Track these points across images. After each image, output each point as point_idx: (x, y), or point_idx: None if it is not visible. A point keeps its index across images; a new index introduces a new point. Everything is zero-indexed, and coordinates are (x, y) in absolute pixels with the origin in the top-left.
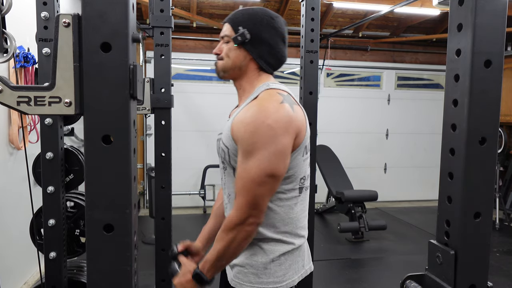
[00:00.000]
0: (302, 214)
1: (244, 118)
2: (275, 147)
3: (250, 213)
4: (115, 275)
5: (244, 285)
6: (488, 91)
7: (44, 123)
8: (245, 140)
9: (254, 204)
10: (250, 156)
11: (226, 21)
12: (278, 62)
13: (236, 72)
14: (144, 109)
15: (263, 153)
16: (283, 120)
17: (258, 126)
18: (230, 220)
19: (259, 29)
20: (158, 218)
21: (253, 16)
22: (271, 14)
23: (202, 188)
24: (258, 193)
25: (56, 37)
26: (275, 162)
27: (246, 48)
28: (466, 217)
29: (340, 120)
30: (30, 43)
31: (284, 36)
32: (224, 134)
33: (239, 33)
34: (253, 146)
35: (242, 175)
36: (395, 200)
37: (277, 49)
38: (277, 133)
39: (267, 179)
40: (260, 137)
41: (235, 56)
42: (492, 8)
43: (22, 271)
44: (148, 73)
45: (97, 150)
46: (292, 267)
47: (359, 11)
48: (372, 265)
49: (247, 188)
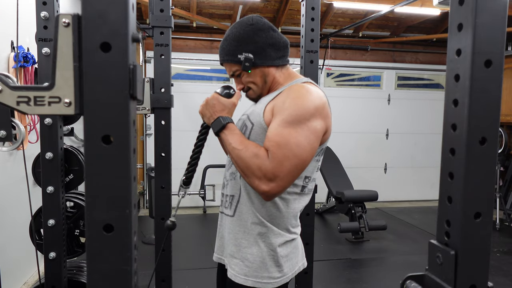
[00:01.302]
0: (298, 213)
1: (292, 94)
2: (314, 127)
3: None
4: (115, 275)
5: (239, 277)
6: (488, 91)
7: (44, 123)
8: (290, 111)
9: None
10: (289, 125)
11: (224, 61)
12: (285, 49)
13: (267, 86)
14: (144, 109)
15: (303, 127)
16: (325, 110)
17: (306, 103)
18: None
19: (252, 41)
20: (158, 218)
21: (239, 37)
22: (247, 21)
23: (202, 188)
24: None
25: (55, 37)
26: (311, 140)
27: (258, 65)
28: (466, 217)
29: (340, 120)
30: (30, 43)
31: (270, 26)
32: (252, 111)
33: (243, 60)
34: (296, 118)
35: (277, 138)
36: (395, 200)
37: (276, 41)
38: (319, 116)
39: (302, 152)
40: (305, 112)
41: (256, 78)
42: (493, 8)
43: (22, 271)
44: (148, 73)
45: (97, 150)
46: (286, 264)
47: (359, 11)
48: (372, 265)
49: (283, 153)
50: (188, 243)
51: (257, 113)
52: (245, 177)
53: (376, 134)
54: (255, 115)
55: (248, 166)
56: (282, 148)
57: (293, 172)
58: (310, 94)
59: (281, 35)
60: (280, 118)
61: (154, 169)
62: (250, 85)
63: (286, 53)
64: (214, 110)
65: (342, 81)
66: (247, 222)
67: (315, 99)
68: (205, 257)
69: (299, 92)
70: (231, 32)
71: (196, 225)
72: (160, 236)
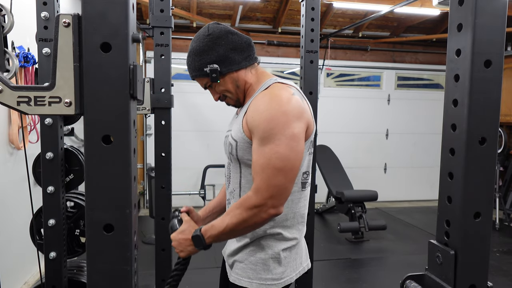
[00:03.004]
0: (304, 210)
1: (257, 107)
2: (291, 132)
3: (270, 199)
4: (115, 275)
5: (242, 280)
6: (488, 91)
7: (44, 123)
8: (260, 128)
9: (274, 188)
10: (267, 142)
11: (194, 77)
12: (249, 48)
13: (241, 90)
14: (144, 109)
15: (281, 138)
16: (296, 108)
17: (274, 113)
18: (249, 200)
19: (213, 51)
20: (158, 218)
21: (200, 50)
22: (204, 33)
23: (202, 188)
24: (278, 178)
25: (56, 37)
26: (293, 147)
27: (224, 72)
28: (466, 217)
29: (340, 120)
30: (30, 43)
31: (227, 30)
32: (233, 129)
33: (209, 72)
34: (270, 132)
35: (260, 161)
36: (395, 200)
37: (237, 44)
38: (292, 119)
39: (287, 163)
40: (276, 123)
41: (228, 85)
42: (492, 8)
43: (22, 271)
44: (148, 73)
45: (97, 150)
46: (290, 264)
47: (359, 11)
48: (372, 265)
49: (268, 173)
50: None
51: (238, 129)
52: (257, 226)
53: (376, 134)
54: (236, 131)
55: (246, 221)
56: (265, 169)
57: (285, 184)
58: (276, 100)
59: (241, 35)
60: (256, 138)
61: (154, 169)
62: (224, 93)
63: (252, 52)
64: (185, 245)
65: (342, 81)
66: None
67: (282, 103)
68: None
69: (264, 103)
70: (192, 47)
71: None
72: (160, 236)
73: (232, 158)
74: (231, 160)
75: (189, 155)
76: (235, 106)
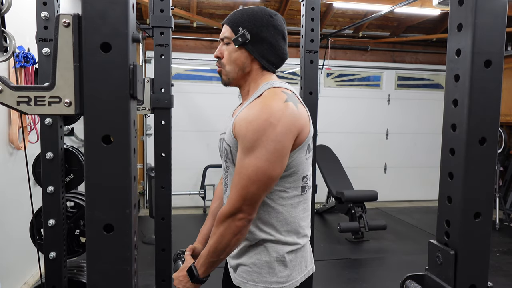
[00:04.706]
0: (305, 214)
1: (247, 115)
2: (274, 147)
3: (241, 208)
4: (115, 275)
5: (247, 283)
6: (488, 91)
7: (44, 123)
8: (246, 138)
9: (246, 200)
10: (249, 153)
11: (225, 23)
12: (279, 60)
13: (240, 74)
14: (144, 109)
15: (262, 151)
16: (286, 119)
17: (261, 124)
18: (221, 212)
19: (259, 28)
20: (158, 218)
21: (252, 16)
22: (270, 13)
23: (202, 188)
24: (252, 190)
25: (56, 37)
26: (273, 162)
27: (247, 49)
28: (466, 217)
29: (340, 120)
30: (30, 43)
31: (284, 34)
32: (227, 132)
33: (239, 34)
34: (253, 144)
35: (238, 170)
36: (395, 200)
37: (278, 47)
38: (279, 132)
39: (262, 177)
40: (261, 135)
41: (237, 58)
42: (492, 8)
43: (22, 271)
44: (148, 73)
45: (97, 150)
46: (296, 268)
47: (359, 11)
48: (372, 265)
49: (242, 184)
50: (188, 243)
51: (229, 133)
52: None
53: (376, 134)
54: (228, 135)
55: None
56: (241, 179)
57: (257, 193)
58: (266, 111)
59: (285, 48)
60: (240, 147)
61: (154, 169)
62: (227, 60)
63: (278, 64)
64: (184, 282)
65: (342, 81)
66: (253, 233)
67: (271, 115)
68: None
69: (254, 114)
70: (252, 9)
71: (196, 225)
72: (160, 236)
73: (228, 162)
74: (227, 164)
75: (189, 155)
76: (220, 77)
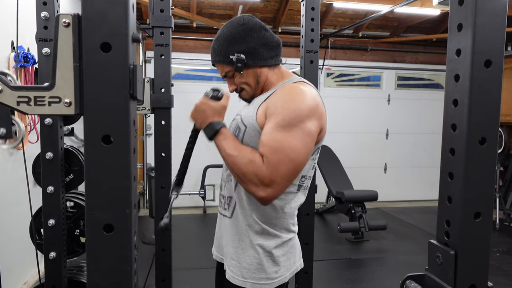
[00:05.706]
0: (295, 211)
1: (284, 95)
2: (309, 129)
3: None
4: (115, 275)
5: (236, 279)
6: (488, 91)
7: (44, 123)
8: (282, 114)
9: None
10: (283, 129)
11: (216, 62)
12: (277, 48)
13: (260, 86)
14: (144, 109)
15: (297, 130)
16: (319, 109)
17: (299, 105)
18: (260, 169)
19: (243, 42)
20: (158, 218)
21: (231, 38)
22: (238, 21)
23: (202, 188)
24: (286, 171)
25: (56, 37)
26: (306, 142)
27: (250, 65)
28: (466, 217)
29: (340, 120)
30: (30, 43)
31: (262, 26)
32: (245, 113)
33: (235, 61)
34: (290, 122)
35: (272, 142)
36: (395, 200)
37: (268, 40)
38: (313, 117)
39: (296, 156)
40: (299, 115)
41: (249, 79)
42: (492, 8)
43: (22, 271)
44: (148, 73)
45: (97, 150)
46: (284, 264)
47: (359, 11)
48: (372, 265)
49: (278, 157)
50: (188, 243)
51: (250, 116)
52: (241, 183)
53: (376, 134)
54: (248, 117)
55: (244, 173)
56: (277, 153)
57: (289, 176)
58: (303, 95)
59: (273, 34)
60: (273, 121)
61: (154, 169)
62: (243, 86)
63: (279, 53)
64: (206, 115)
65: (342, 81)
66: (244, 224)
67: (308, 100)
68: (205, 257)
69: (291, 94)
70: (222, 32)
71: (196, 225)
72: (160, 236)
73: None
74: None
75: None
76: (247, 101)
